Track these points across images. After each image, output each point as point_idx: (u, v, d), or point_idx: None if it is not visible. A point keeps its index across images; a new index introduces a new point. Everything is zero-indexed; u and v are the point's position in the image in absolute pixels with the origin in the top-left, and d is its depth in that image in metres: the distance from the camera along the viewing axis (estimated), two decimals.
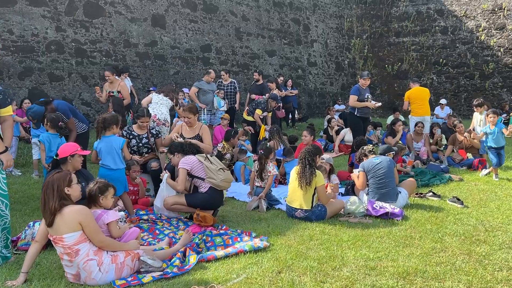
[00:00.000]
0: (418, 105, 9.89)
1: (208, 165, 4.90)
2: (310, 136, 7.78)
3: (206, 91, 10.16)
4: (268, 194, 5.69)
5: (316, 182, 5.05)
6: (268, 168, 5.74)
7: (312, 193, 5.05)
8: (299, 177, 5.04)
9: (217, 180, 4.85)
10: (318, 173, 5.08)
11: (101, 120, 5.11)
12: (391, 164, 5.71)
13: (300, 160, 5.13)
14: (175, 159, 5.06)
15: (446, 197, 6.36)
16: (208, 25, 14.17)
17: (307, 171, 5.00)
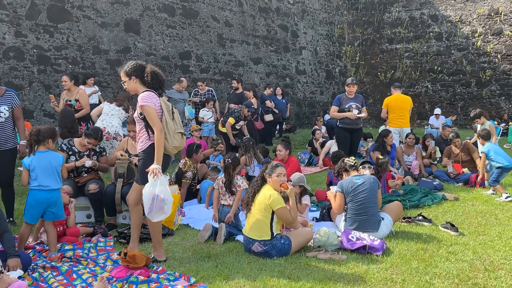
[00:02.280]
0: (397, 115, 9.03)
1: (168, 119, 3.89)
2: (286, 151, 6.88)
3: (177, 100, 9.30)
4: (236, 216, 4.82)
5: (271, 205, 4.13)
6: (237, 182, 4.88)
7: (269, 220, 4.14)
8: (249, 200, 4.21)
9: (169, 144, 3.89)
10: (267, 194, 4.18)
11: (35, 132, 4.21)
12: (374, 185, 4.81)
13: (251, 185, 4.32)
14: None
15: (438, 221, 5.46)
16: (187, 30, 13.34)
17: (251, 194, 4.22)
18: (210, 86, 13.52)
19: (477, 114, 8.03)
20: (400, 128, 9.21)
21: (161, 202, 3.71)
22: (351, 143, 8.00)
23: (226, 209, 4.83)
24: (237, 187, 4.93)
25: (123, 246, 4.46)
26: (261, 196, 4.20)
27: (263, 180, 4.33)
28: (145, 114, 3.85)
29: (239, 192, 4.89)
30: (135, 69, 4.00)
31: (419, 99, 17.92)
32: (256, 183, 4.34)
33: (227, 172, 4.91)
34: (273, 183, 4.31)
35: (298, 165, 6.88)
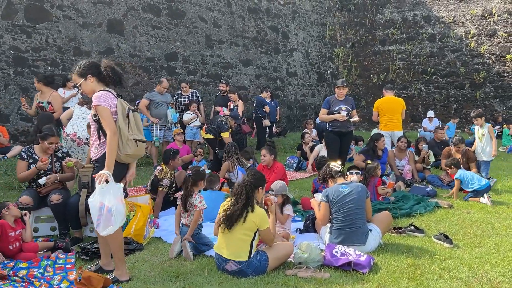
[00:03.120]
0: (388, 118, 8.70)
1: (122, 124, 3.53)
2: (270, 156, 6.49)
3: (159, 103, 8.87)
4: (198, 236, 4.34)
5: (259, 225, 3.74)
6: (194, 201, 4.36)
7: (250, 238, 3.73)
8: (221, 217, 3.74)
9: (121, 151, 3.52)
10: (259, 214, 3.76)
11: None
12: (362, 194, 4.41)
13: (235, 196, 3.81)
14: None
15: (431, 231, 5.09)
16: (174, 31, 12.94)
17: (237, 212, 3.71)
18: (197, 88, 13.15)
19: (478, 113, 7.79)
20: (392, 131, 8.88)
21: (108, 212, 3.32)
22: (341, 147, 7.63)
23: (184, 229, 4.32)
24: (193, 206, 4.34)
25: (85, 263, 4.05)
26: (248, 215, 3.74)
27: (249, 197, 3.79)
28: (98, 115, 3.47)
29: (196, 214, 4.30)
30: (89, 67, 3.62)
31: (413, 101, 17.61)
32: (241, 199, 3.76)
33: (185, 186, 4.41)
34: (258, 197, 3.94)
35: (283, 171, 6.49)
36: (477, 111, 7.86)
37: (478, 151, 7.81)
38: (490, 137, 7.70)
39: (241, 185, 3.81)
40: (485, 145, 7.73)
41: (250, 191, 3.79)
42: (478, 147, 7.83)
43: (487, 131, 7.71)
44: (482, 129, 7.82)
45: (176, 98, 10.30)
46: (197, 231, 4.34)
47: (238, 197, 3.76)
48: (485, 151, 7.74)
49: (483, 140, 7.77)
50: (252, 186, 3.82)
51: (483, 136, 7.77)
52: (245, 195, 3.75)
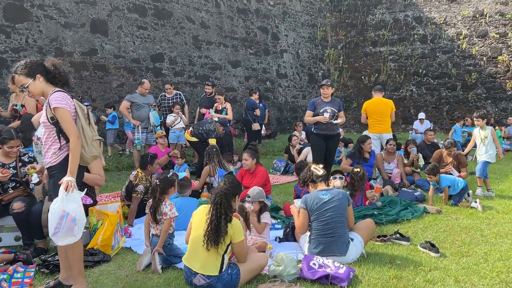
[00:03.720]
0: (376, 120, 8.47)
1: (84, 125, 3.36)
2: (252, 160, 6.23)
3: (140, 105, 8.59)
4: (169, 247, 4.06)
5: (232, 237, 3.46)
6: (164, 209, 4.07)
7: (223, 252, 3.46)
8: (205, 233, 3.42)
9: (87, 153, 3.35)
10: (235, 225, 3.49)
11: None
12: (343, 202, 4.16)
13: (213, 207, 3.51)
14: None
15: (417, 239, 4.85)
16: (160, 32, 12.68)
17: (221, 225, 3.41)
18: (185, 90, 12.90)
19: (482, 114, 7.37)
20: (380, 133, 8.65)
21: (71, 222, 3.11)
22: (327, 150, 7.36)
23: (155, 239, 4.03)
24: (163, 215, 4.02)
25: (44, 277, 3.77)
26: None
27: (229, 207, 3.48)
28: (58, 118, 3.22)
29: (166, 223, 3.99)
30: (37, 66, 3.35)
31: (404, 103, 17.44)
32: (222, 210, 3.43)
33: (153, 196, 4.13)
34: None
35: (266, 175, 6.23)
36: (481, 111, 7.47)
37: (481, 153, 7.35)
38: (493, 140, 7.30)
39: (219, 194, 3.53)
40: (489, 148, 7.25)
41: (230, 200, 3.52)
42: (481, 150, 7.36)
43: (490, 134, 7.27)
44: (484, 132, 7.35)
45: (160, 100, 10.02)
46: (169, 241, 4.06)
47: (219, 208, 3.47)
48: (489, 154, 7.27)
49: (486, 142, 7.30)
50: (230, 194, 3.56)
51: (486, 139, 7.30)
52: (225, 204, 3.48)
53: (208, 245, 3.37)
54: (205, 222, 3.44)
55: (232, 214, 3.47)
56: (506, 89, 15.87)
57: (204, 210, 3.56)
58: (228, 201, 3.46)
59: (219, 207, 3.42)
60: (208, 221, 3.42)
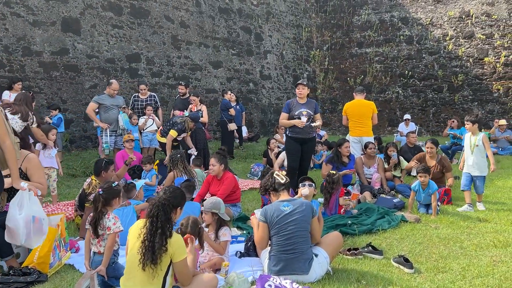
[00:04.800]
0: (356, 122, 8.14)
1: (9, 129, 3.47)
2: (220, 165, 5.80)
3: (109, 107, 8.14)
4: (114, 266, 3.61)
5: (173, 255, 3.03)
6: (106, 223, 3.63)
7: (163, 273, 3.03)
8: (139, 251, 3.00)
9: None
10: (175, 241, 3.05)
11: None
12: (307, 214, 3.75)
13: (150, 220, 3.08)
14: None
15: (392, 252, 4.47)
16: (136, 31, 12.22)
17: (155, 240, 2.98)
18: (163, 91, 12.47)
19: (473, 117, 6.36)
20: (360, 136, 8.30)
21: (39, 223, 3.46)
22: (302, 155, 6.98)
23: (97, 258, 3.59)
24: (106, 229, 3.59)
25: None
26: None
27: (168, 220, 3.06)
28: None
29: (110, 238, 3.55)
30: None
31: (390, 105, 17.16)
32: (159, 224, 3.01)
33: (95, 207, 3.68)
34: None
35: (234, 182, 5.81)
36: (473, 114, 6.47)
37: (469, 163, 6.36)
38: (485, 149, 6.28)
39: (156, 205, 3.10)
40: (478, 158, 6.30)
41: (168, 212, 3.09)
42: (469, 160, 6.37)
43: (482, 142, 6.26)
44: (474, 138, 6.36)
45: (133, 100, 9.56)
46: (113, 259, 3.62)
47: (155, 221, 3.04)
48: (479, 165, 6.31)
49: (475, 151, 6.29)
50: (170, 206, 3.13)
51: (476, 147, 6.27)
52: (163, 217, 3.05)
53: (143, 264, 2.94)
54: (139, 237, 3.02)
55: (171, 228, 3.05)
56: (492, 91, 15.64)
57: (140, 224, 3.13)
58: (166, 214, 3.04)
59: (155, 220, 3.00)
60: (142, 236, 3.00)
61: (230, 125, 10.49)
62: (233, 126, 10.57)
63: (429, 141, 7.41)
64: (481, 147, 6.26)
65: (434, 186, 6.20)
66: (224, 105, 10.82)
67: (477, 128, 6.31)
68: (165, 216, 3.03)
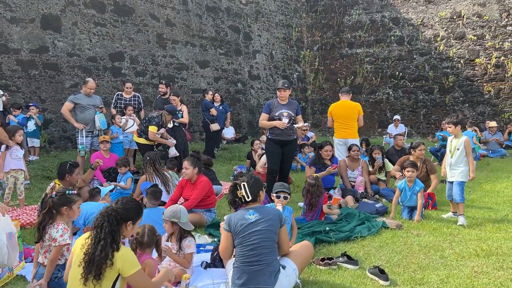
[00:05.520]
0: (342, 124, 7.91)
1: None
2: (194, 169, 5.53)
3: (85, 106, 7.85)
4: (56, 281, 3.31)
5: (121, 270, 2.77)
6: (53, 234, 3.33)
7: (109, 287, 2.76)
8: (83, 263, 2.74)
9: None
10: (123, 255, 2.78)
11: None
12: (274, 223, 3.46)
13: (95, 230, 2.82)
14: None
15: (369, 261, 4.22)
16: (120, 29, 11.93)
17: (96, 253, 2.72)
18: (147, 91, 12.19)
19: (455, 119, 5.72)
20: (346, 138, 8.07)
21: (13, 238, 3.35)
22: (283, 158, 6.73)
23: (41, 270, 3.31)
24: (52, 241, 3.30)
25: None
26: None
27: (113, 232, 2.80)
28: None
29: (55, 251, 3.28)
30: None
31: (380, 106, 16.96)
32: (102, 235, 2.75)
33: (43, 207, 3.41)
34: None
35: (208, 187, 5.53)
36: (454, 116, 5.83)
37: (447, 169, 5.85)
38: (466, 154, 5.68)
39: (103, 215, 2.84)
40: (457, 162, 5.71)
41: (115, 224, 2.82)
42: (447, 164, 5.84)
43: (464, 146, 5.65)
44: (456, 141, 5.74)
45: (116, 99, 9.25)
46: (57, 274, 3.34)
47: (99, 232, 2.78)
48: (458, 171, 5.70)
49: (455, 155, 5.72)
50: (118, 217, 2.86)
51: (457, 151, 5.69)
52: (108, 228, 2.78)
53: (85, 279, 2.68)
54: (82, 249, 2.76)
55: (117, 241, 2.78)
56: (483, 92, 15.47)
57: (86, 234, 2.87)
58: (111, 225, 2.77)
59: (99, 231, 2.74)
60: (85, 248, 2.74)
61: (212, 125, 10.23)
62: (216, 126, 10.29)
63: (421, 144, 7.16)
64: (462, 151, 5.68)
65: (420, 184, 5.97)
66: (204, 105, 10.56)
67: (460, 130, 5.76)
68: (110, 227, 2.76)
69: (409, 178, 5.88)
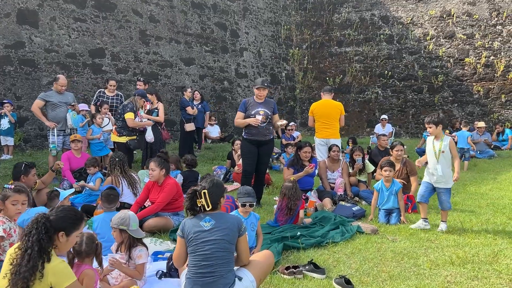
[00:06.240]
0: (323, 123, 7.68)
1: None
2: (160, 170, 5.26)
3: (56, 104, 7.56)
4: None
5: (54, 283, 2.49)
6: None
7: None
8: (9, 275, 2.48)
9: None
10: (55, 267, 2.51)
11: None
12: (232, 232, 3.16)
13: (22, 239, 2.56)
14: None
15: (337, 270, 3.99)
16: (101, 25, 11.63)
17: (22, 263, 2.45)
18: (128, 88, 11.90)
19: (435, 118, 5.23)
20: (327, 138, 7.83)
21: None
22: (259, 159, 6.48)
23: None
24: None
25: None
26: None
27: (41, 241, 2.54)
28: None
29: None
30: None
31: (369, 106, 16.76)
32: (29, 244, 2.50)
33: None
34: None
35: (175, 189, 5.26)
36: (434, 115, 5.29)
37: (432, 172, 5.28)
38: (452, 156, 5.21)
39: (33, 221, 2.58)
40: (444, 167, 5.19)
41: (43, 232, 2.56)
42: (433, 168, 5.25)
43: (449, 148, 5.17)
44: (439, 143, 5.21)
45: (98, 96, 8.95)
46: None
47: (27, 241, 2.53)
48: (445, 175, 5.19)
49: (441, 159, 5.18)
50: (48, 225, 2.59)
51: (442, 154, 5.17)
52: (35, 236, 2.53)
53: None
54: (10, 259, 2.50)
55: (48, 251, 2.52)
56: (472, 92, 15.31)
57: (16, 245, 2.61)
58: (40, 233, 2.51)
59: (27, 239, 2.48)
60: (13, 258, 2.48)
61: (186, 125, 9.92)
62: (190, 127, 9.94)
63: (398, 144, 6.97)
64: (447, 153, 5.20)
65: (398, 183, 5.75)
66: (181, 103, 10.29)
67: (441, 130, 5.24)
68: (38, 235, 2.51)
69: (386, 177, 5.67)
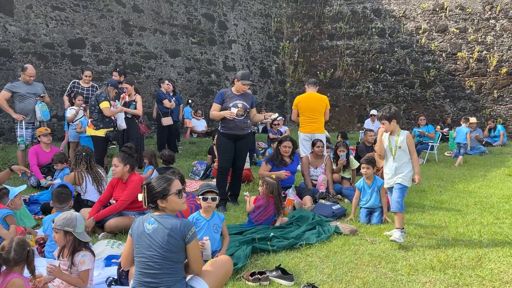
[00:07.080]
0: (308, 118, 7.29)
1: None
2: (124, 166, 4.90)
3: (25, 95, 7.17)
4: None
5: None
6: None
7: None
8: None
9: None
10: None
11: None
12: (172, 240, 2.79)
13: None
14: None
15: (307, 275, 3.67)
16: (81, 14, 11.19)
17: None
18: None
19: (387, 112, 4.59)
20: (312, 133, 7.48)
21: None
22: (236, 154, 6.14)
23: None
24: None
25: None
26: None
27: None
28: None
29: None
30: None
31: (360, 100, 16.44)
32: None
33: None
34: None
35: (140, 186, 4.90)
36: (386, 109, 4.66)
37: (388, 171, 4.73)
38: (410, 152, 4.64)
39: None
40: (402, 164, 4.62)
41: None
42: (390, 166, 4.67)
43: (406, 143, 4.59)
44: (396, 138, 4.61)
45: (71, 87, 8.55)
46: None
47: None
48: (402, 171, 4.61)
49: (397, 156, 4.62)
50: None
51: (398, 149, 4.60)
52: None
53: None
54: None
55: None
56: (465, 87, 15.01)
57: None
58: None
59: None
60: None
61: (163, 119, 9.55)
62: (167, 121, 9.58)
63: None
64: (405, 149, 4.61)
65: (380, 180, 5.42)
66: (157, 96, 9.92)
67: (397, 125, 4.63)
68: None
69: (365, 175, 5.35)
